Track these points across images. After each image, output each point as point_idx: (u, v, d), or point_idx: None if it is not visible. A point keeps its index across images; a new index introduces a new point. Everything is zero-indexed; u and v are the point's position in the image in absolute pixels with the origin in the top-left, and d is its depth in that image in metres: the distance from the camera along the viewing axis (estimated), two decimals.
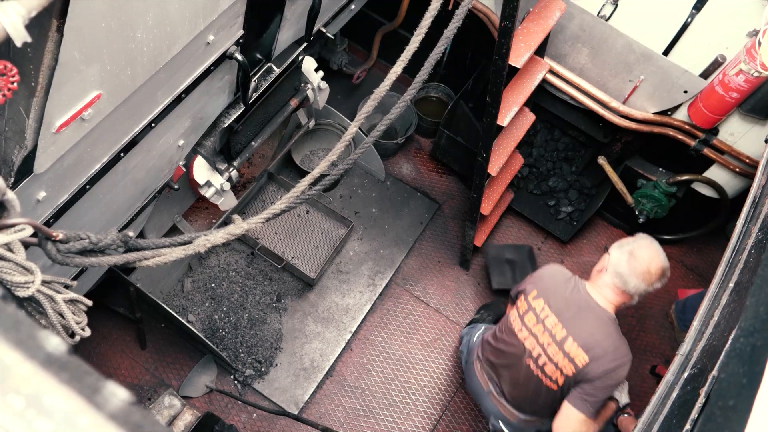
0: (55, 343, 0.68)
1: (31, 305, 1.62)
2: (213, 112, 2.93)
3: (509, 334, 2.90)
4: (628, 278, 2.64)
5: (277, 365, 4.09)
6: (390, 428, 3.99)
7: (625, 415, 3.02)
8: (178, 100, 2.43)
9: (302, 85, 3.62)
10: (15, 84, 1.47)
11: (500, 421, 3.13)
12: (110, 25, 1.75)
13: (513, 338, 2.87)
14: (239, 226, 1.81)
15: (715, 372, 1.46)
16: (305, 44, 3.30)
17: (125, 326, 4.03)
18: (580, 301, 2.70)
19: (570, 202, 4.84)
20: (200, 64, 2.45)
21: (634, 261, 2.63)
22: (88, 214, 2.43)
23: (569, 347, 2.65)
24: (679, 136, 3.86)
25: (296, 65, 3.37)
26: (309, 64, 3.54)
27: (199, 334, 3.74)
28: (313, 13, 3.06)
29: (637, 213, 4.36)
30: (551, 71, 3.93)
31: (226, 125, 3.05)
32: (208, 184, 3.21)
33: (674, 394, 1.84)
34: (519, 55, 3.39)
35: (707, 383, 1.49)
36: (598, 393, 2.65)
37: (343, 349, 4.19)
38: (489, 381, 3.11)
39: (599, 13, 3.65)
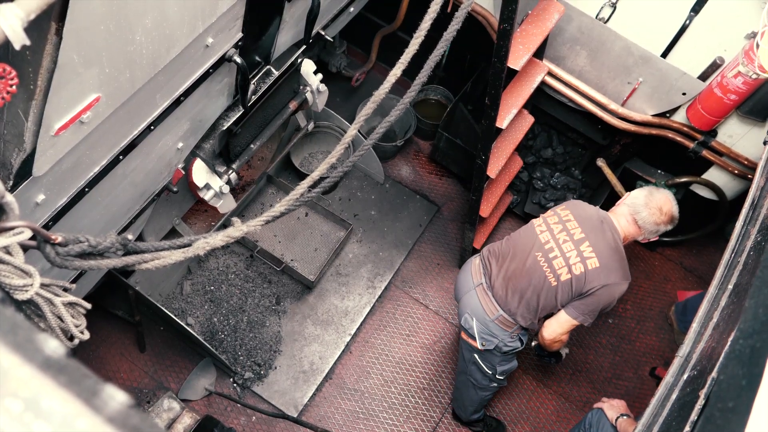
0: (54, 346, 0.67)
1: (29, 308, 1.62)
2: (212, 115, 2.93)
3: (525, 230, 3.10)
4: (641, 209, 2.89)
5: (276, 368, 4.08)
6: (389, 431, 3.99)
7: (624, 418, 3.03)
8: (177, 102, 2.43)
9: (301, 87, 3.62)
10: (14, 87, 1.47)
11: (474, 318, 3.21)
12: (109, 27, 1.75)
13: (529, 230, 3.07)
14: (238, 229, 1.81)
15: (714, 374, 1.46)
16: (304, 47, 3.30)
17: (124, 329, 4.03)
18: (600, 219, 2.96)
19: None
20: (199, 67, 2.45)
21: (650, 197, 2.91)
22: (87, 217, 2.43)
23: (584, 248, 2.88)
24: (678, 138, 3.86)
25: (295, 68, 3.37)
26: (308, 66, 3.54)
27: (198, 336, 3.74)
28: (312, 16, 3.06)
29: None
30: (550, 73, 3.93)
31: (225, 128, 3.05)
32: (207, 186, 3.21)
33: (674, 396, 1.84)
34: (518, 57, 3.39)
35: (707, 385, 1.49)
36: (591, 304, 2.91)
37: (343, 351, 4.19)
38: (482, 274, 3.19)
39: (598, 15, 3.65)
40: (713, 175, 4.02)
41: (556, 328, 3.04)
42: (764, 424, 1.08)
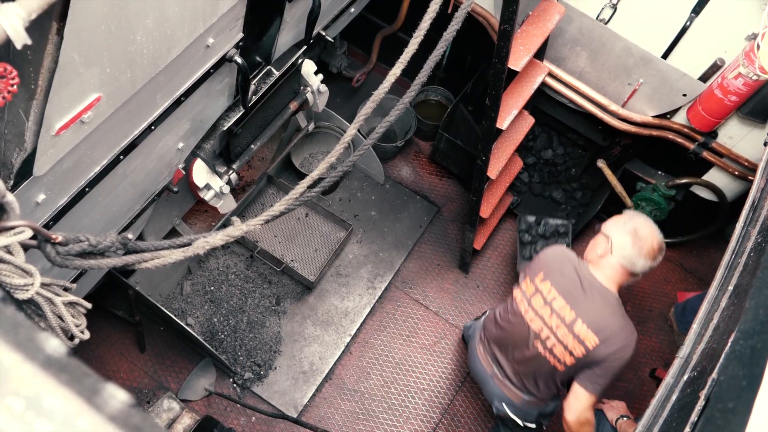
0: (55, 345, 0.67)
1: (30, 308, 1.62)
2: (212, 115, 2.93)
3: (514, 315, 2.89)
4: (636, 259, 2.66)
5: (276, 368, 4.08)
6: (389, 431, 3.99)
7: (624, 419, 3.03)
8: (178, 102, 2.43)
9: (302, 88, 3.62)
10: (15, 86, 1.47)
11: (504, 404, 3.11)
12: (110, 27, 1.75)
13: (519, 319, 2.86)
14: (238, 228, 1.81)
15: (714, 375, 1.46)
16: (305, 47, 3.30)
17: (124, 329, 4.03)
18: (585, 283, 2.71)
19: (569, 206, 4.84)
20: (200, 67, 2.45)
21: (639, 241, 2.65)
22: (88, 217, 2.43)
23: (579, 329, 2.66)
24: (678, 140, 3.86)
25: (296, 68, 3.37)
26: (308, 67, 3.55)
27: (198, 337, 3.74)
28: (312, 16, 3.06)
29: None
30: (550, 74, 3.93)
31: (225, 128, 3.05)
32: (208, 186, 3.21)
33: (674, 397, 1.84)
34: (518, 58, 3.39)
35: (707, 386, 1.49)
36: (607, 374, 2.67)
37: (343, 352, 4.19)
38: (492, 363, 3.10)
39: (598, 16, 3.66)
40: (713, 176, 4.02)
41: (578, 406, 2.74)
42: (764, 425, 1.08)
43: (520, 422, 3.13)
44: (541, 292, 2.77)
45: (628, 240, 2.65)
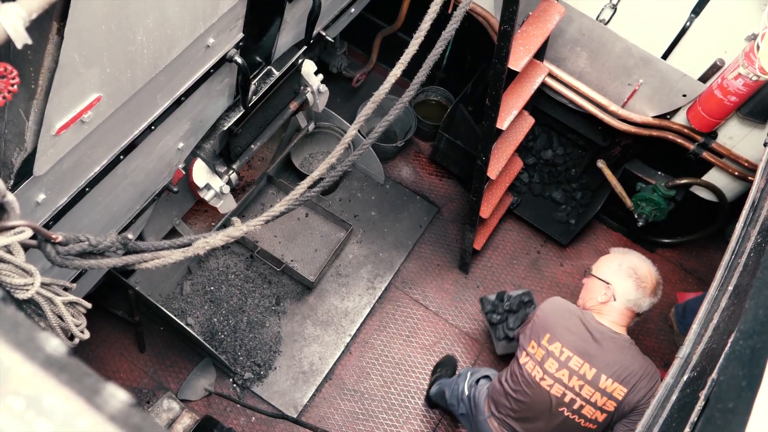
0: (55, 345, 0.68)
1: (30, 307, 1.62)
2: (212, 115, 2.93)
3: (529, 385, 2.70)
4: (642, 301, 2.60)
5: (276, 368, 4.08)
6: (389, 431, 3.99)
7: None
8: (178, 102, 2.43)
9: (302, 88, 3.63)
10: (15, 86, 1.48)
11: None
12: (110, 27, 1.75)
13: (536, 388, 2.68)
14: (238, 228, 1.81)
15: (714, 375, 1.46)
16: (305, 47, 3.31)
17: (124, 329, 4.03)
18: (597, 335, 2.59)
19: (569, 206, 4.85)
20: (200, 67, 2.45)
21: (641, 282, 2.58)
22: (88, 217, 2.43)
23: (604, 384, 2.55)
24: (678, 140, 3.87)
25: (296, 68, 3.37)
26: (309, 67, 3.55)
27: (198, 337, 3.74)
28: (312, 17, 3.06)
29: (636, 216, 4.36)
30: (550, 75, 3.93)
31: (225, 128, 3.05)
32: (208, 186, 3.21)
33: (674, 397, 1.84)
34: (518, 58, 3.39)
35: (707, 386, 1.49)
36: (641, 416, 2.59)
37: (342, 352, 4.19)
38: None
39: (598, 17, 3.66)
40: (713, 176, 4.02)
41: None
42: (764, 425, 1.08)
43: None
44: (553, 354, 2.62)
45: (631, 283, 2.58)
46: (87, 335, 1.73)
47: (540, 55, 3.83)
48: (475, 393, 3.16)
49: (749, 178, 3.79)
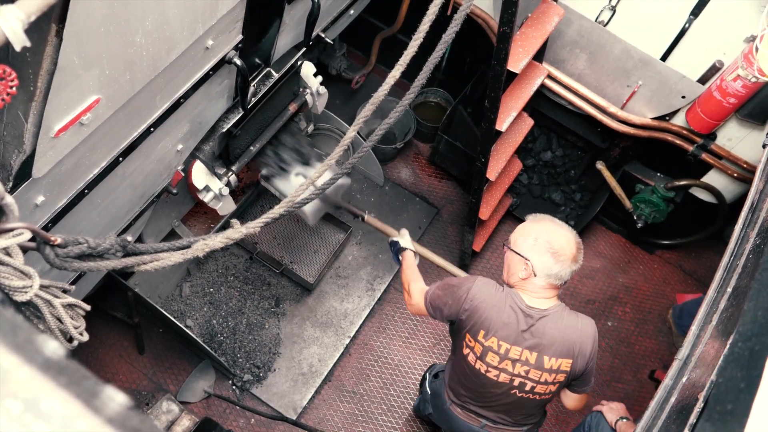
0: (54, 347, 0.67)
1: (29, 310, 1.62)
2: (212, 117, 2.93)
3: (476, 375, 2.70)
4: (562, 272, 2.50)
5: (275, 370, 4.08)
6: None
7: (623, 420, 3.02)
8: (177, 104, 2.43)
9: (301, 89, 3.63)
10: (14, 88, 1.48)
11: None
12: (109, 29, 1.75)
13: (483, 378, 2.68)
14: (238, 231, 1.81)
15: (713, 376, 1.46)
16: (304, 49, 3.31)
17: (123, 331, 4.03)
18: (529, 320, 2.54)
19: (568, 207, 4.85)
20: (199, 69, 2.45)
21: (559, 256, 2.48)
22: (87, 219, 2.43)
23: (549, 363, 2.55)
24: (677, 141, 3.87)
25: (295, 70, 3.37)
26: (308, 68, 3.55)
27: (197, 339, 3.74)
28: (312, 18, 3.06)
29: (635, 218, 4.37)
30: (549, 76, 3.94)
31: (224, 130, 3.05)
32: (207, 188, 3.21)
33: (672, 399, 1.84)
34: (517, 60, 3.40)
35: (705, 388, 1.49)
36: (593, 369, 2.64)
37: (342, 354, 4.19)
38: (478, 418, 2.92)
39: (597, 18, 3.66)
40: (712, 178, 4.03)
41: (581, 403, 2.80)
42: (763, 427, 1.08)
43: None
44: (491, 349, 2.59)
45: (548, 258, 2.48)
46: (86, 337, 1.73)
47: (539, 56, 3.84)
48: (435, 386, 3.19)
49: (748, 179, 3.79)
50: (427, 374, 3.45)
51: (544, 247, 2.49)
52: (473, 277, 2.70)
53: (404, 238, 3.30)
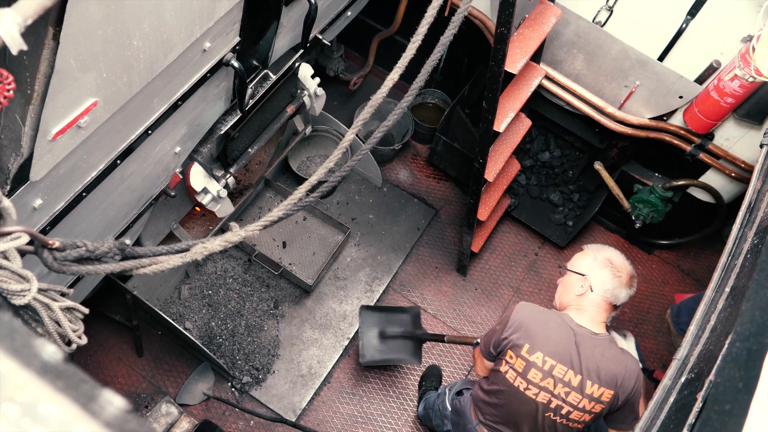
0: (51, 351, 0.67)
1: (27, 313, 1.62)
2: (210, 119, 2.93)
3: (513, 394, 2.64)
4: (619, 291, 2.54)
5: (274, 372, 4.08)
6: None
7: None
8: (175, 107, 2.43)
9: (299, 91, 3.63)
10: (11, 92, 1.47)
11: None
12: (106, 32, 1.75)
13: (521, 397, 2.62)
14: (237, 234, 1.81)
15: (711, 376, 1.47)
16: (302, 51, 3.31)
17: (122, 334, 4.02)
18: (578, 338, 2.53)
19: (566, 208, 4.85)
20: (197, 71, 2.45)
21: (617, 272, 2.54)
22: (85, 222, 2.43)
23: (590, 390, 2.51)
24: (675, 141, 3.87)
25: (293, 72, 3.37)
26: (305, 70, 3.55)
27: (196, 341, 3.73)
28: (309, 20, 3.07)
29: (633, 218, 4.37)
30: (547, 77, 3.94)
31: (222, 132, 3.05)
32: (205, 191, 3.21)
33: (671, 399, 1.84)
34: (515, 61, 3.40)
35: (704, 388, 1.49)
36: (635, 408, 2.58)
37: (341, 355, 4.18)
38: None
39: (594, 19, 3.66)
40: (710, 178, 4.03)
41: None
42: (761, 427, 1.08)
43: None
44: (535, 364, 2.54)
45: (607, 273, 2.54)
46: (84, 341, 1.73)
47: (536, 57, 3.84)
48: (459, 404, 3.12)
49: (746, 179, 3.80)
50: (447, 390, 3.36)
51: (603, 263, 2.57)
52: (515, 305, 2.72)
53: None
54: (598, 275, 2.56)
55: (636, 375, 2.55)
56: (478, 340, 3.01)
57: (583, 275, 2.59)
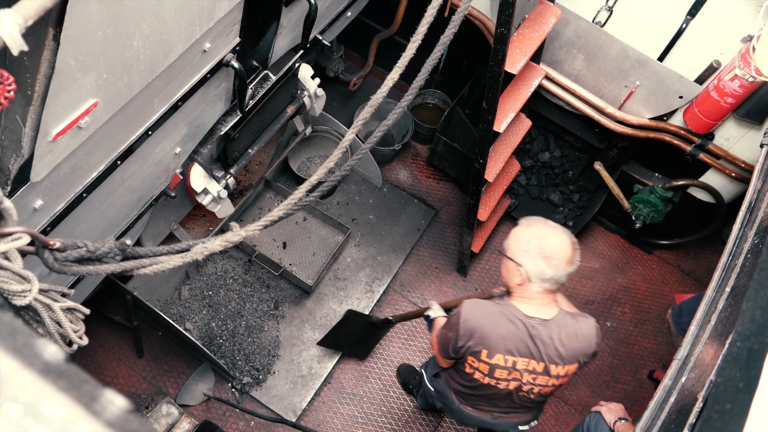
0: (53, 351, 0.68)
1: (28, 314, 1.62)
2: (210, 120, 2.93)
3: (486, 387, 2.72)
4: (559, 276, 2.43)
5: (274, 373, 4.08)
6: None
7: (622, 421, 3.02)
8: (175, 107, 2.44)
9: (299, 92, 3.63)
10: (11, 92, 1.48)
11: (520, 427, 3.04)
12: (107, 33, 1.75)
13: (493, 388, 2.70)
14: (237, 234, 1.81)
15: (712, 376, 1.47)
16: (302, 51, 3.31)
17: (122, 334, 4.02)
18: (531, 330, 2.50)
19: (566, 208, 4.85)
20: (197, 72, 2.45)
21: (553, 260, 2.40)
22: (85, 223, 2.43)
23: (556, 371, 2.56)
24: (675, 142, 3.87)
25: (293, 72, 3.37)
26: (305, 71, 3.55)
27: (196, 342, 3.73)
28: (309, 21, 3.07)
29: (633, 218, 4.37)
30: (547, 77, 3.94)
31: (222, 133, 3.05)
32: (205, 191, 3.21)
33: (672, 399, 1.84)
34: (515, 61, 3.40)
35: (704, 388, 1.49)
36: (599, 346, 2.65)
37: (341, 356, 4.18)
38: (490, 411, 2.93)
39: (594, 19, 3.66)
40: (710, 178, 4.03)
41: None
42: (762, 426, 1.08)
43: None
44: (498, 365, 2.57)
45: (541, 263, 2.41)
46: (85, 341, 1.73)
47: (536, 57, 3.84)
48: (440, 386, 3.16)
49: (746, 179, 3.80)
50: (423, 371, 3.40)
51: (536, 252, 2.41)
52: (461, 301, 2.65)
53: (433, 309, 3.21)
54: (533, 267, 2.43)
55: (594, 338, 2.57)
56: (429, 313, 3.14)
57: (519, 265, 2.47)
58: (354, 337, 4.11)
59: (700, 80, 3.58)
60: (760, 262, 1.63)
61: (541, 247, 2.41)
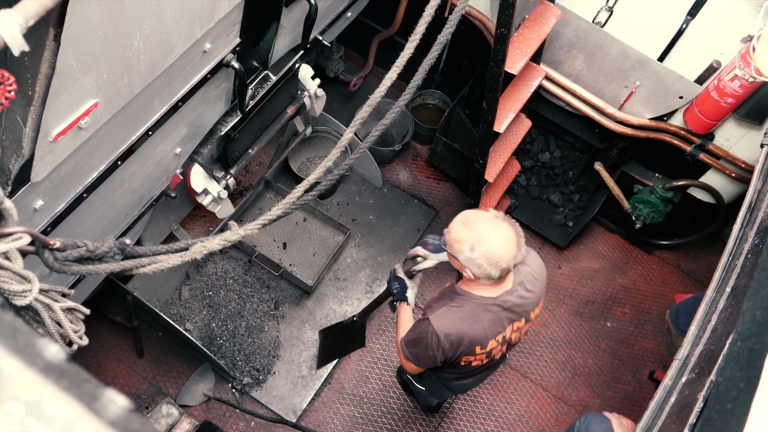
0: (54, 351, 0.68)
1: (28, 314, 1.62)
2: (210, 120, 2.93)
3: (482, 367, 2.79)
4: (505, 268, 2.36)
5: (274, 373, 4.08)
6: None
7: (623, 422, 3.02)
8: (175, 108, 2.44)
9: (299, 92, 3.63)
10: (12, 93, 1.48)
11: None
12: (107, 33, 1.76)
13: (490, 362, 2.77)
14: (236, 233, 1.82)
15: (713, 376, 1.47)
16: (302, 52, 3.31)
17: (122, 335, 4.02)
18: (504, 306, 2.51)
19: (566, 208, 4.85)
20: (197, 72, 2.45)
21: (498, 263, 2.32)
22: (86, 223, 2.43)
23: (534, 313, 2.68)
24: (675, 142, 3.88)
25: (293, 73, 3.37)
26: (306, 71, 3.55)
27: (196, 342, 3.73)
28: (309, 21, 3.07)
29: (633, 218, 4.37)
30: (547, 78, 3.94)
31: (223, 133, 3.06)
32: (205, 191, 3.21)
33: (672, 399, 1.84)
34: (515, 61, 3.40)
35: (705, 387, 1.50)
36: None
37: (341, 356, 4.18)
38: (486, 369, 2.96)
39: (594, 19, 3.67)
40: (710, 178, 4.03)
41: None
42: (762, 426, 1.08)
43: None
44: (494, 347, 2.61)
45: (484, 263, 2.33)
46: (85, 341, 1.73)
47: (536, 58, 3.84)
48: (427, 382, 3.20)
49: (746, 179, 3.80)
50: (409, 376, 3.30)
51: (482, 260, 2.33)
52: (424, 322, 2.60)
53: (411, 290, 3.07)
54: (479, 271, 2.37)
55: (539, 259, 2.70)
56: (394, 301, 3.04)
57: (463, 267, 2.43)
58: (341, 341, 4.12)
59: (700, 80, 3.59)
60: (760, 262, 1.63)
61: (486, 255, 2.31)
